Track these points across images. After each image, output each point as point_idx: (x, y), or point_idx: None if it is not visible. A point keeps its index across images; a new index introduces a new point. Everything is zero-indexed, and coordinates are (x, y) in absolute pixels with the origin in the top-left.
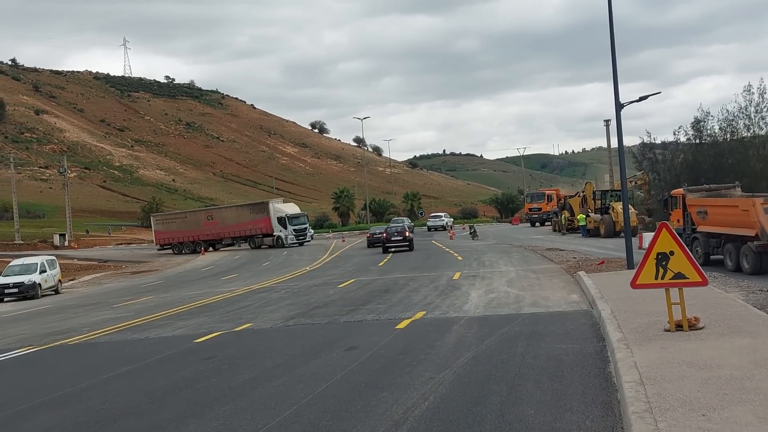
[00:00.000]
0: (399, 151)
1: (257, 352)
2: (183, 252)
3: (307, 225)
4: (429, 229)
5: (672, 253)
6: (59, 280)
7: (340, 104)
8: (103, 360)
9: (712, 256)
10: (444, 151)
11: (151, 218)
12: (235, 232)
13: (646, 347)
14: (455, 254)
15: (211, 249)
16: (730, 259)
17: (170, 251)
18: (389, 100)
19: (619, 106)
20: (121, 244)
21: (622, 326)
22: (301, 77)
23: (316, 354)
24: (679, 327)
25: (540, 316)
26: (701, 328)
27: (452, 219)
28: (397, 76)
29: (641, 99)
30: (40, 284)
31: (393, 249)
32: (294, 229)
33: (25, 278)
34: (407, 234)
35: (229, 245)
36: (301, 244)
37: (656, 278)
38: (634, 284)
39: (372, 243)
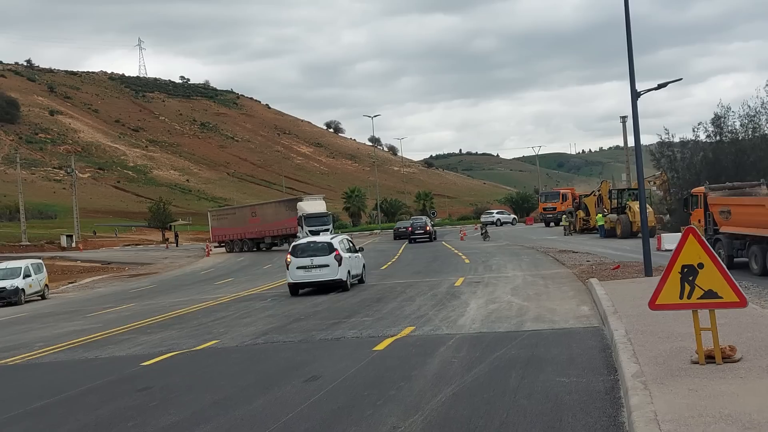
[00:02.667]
0: (416, 151)
1: (202, 382)
2: (234, 250)
3: (329, 226)
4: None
5: (701, 265)
6: (46, 285)
7: (358, 104)
8: (25, 389)
9: (735, 259)
10: (460, 150)
11: (208, 214)
12: (273, 231)
13: (670, 388)
14: (463, 257)
15: (254, 249)
16: (756, 263)
17: (224, 249)
18: (407, 99)
19: (635, 95)
20: (128, 245)
21: (638, 354)
22: (319, 77)
23: (269, 386)
24: (709, 359)
25: (542, 335)
26: (738, 361)
27: (513, 217)
28: (415, 75)
29: (660, 86)
30: (23, 289)
31: (416, 239)
32: (310, 231)
33: (7, 283)
34: (428, 228)
35: (271, 245)
36: None
37: (681, 297)
38: (653, 305)
39: (398, 236)
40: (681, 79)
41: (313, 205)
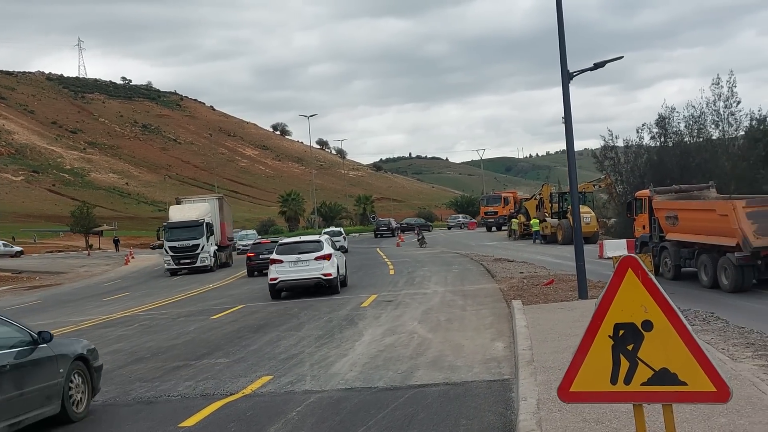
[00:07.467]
0: (368, 154)
1: None
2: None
3: (200, 241)
4: (449, 227)
5: (648, 325)
6: None
7: (310, 107)
8: None
9: (683, 269)
10: (410, 154)
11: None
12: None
13: None
14: (390, 266)
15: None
16: (706, 274)
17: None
18: (359, 102)
19: (566, 76)
20: (52, 251)
21: None
22: (271, 80)
23: None
24: None
25: (428, 398)
26: None
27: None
28: (367, 79)
29: (597, 66)
30: None
31: (382, 234)
32: (171, 247)
33: None
34: (392, 226)
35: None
36: (194, 271)
37: (614, 381)
38: (564, 394)
39: None
40: (622, 57)
41: (185, 211)
